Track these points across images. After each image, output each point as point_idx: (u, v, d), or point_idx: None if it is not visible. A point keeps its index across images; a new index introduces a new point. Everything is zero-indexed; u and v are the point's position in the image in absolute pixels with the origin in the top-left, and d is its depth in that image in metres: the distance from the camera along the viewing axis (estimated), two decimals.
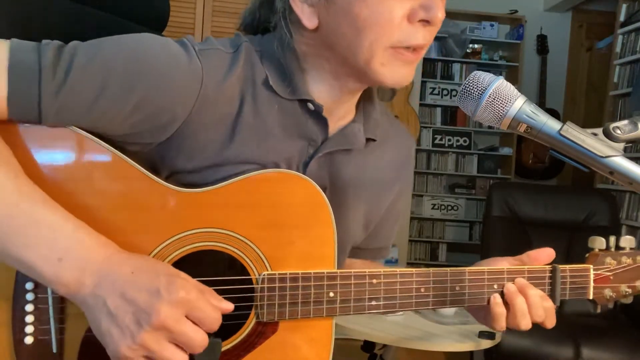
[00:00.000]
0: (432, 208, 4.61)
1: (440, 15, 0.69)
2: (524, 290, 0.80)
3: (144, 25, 0.93)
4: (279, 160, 0.76)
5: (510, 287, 0.80)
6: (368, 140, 0.84)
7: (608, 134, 0.60)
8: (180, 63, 0.69)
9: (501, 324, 0.80)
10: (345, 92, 0.78)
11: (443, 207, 4.62)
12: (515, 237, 3.18)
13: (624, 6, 3.62)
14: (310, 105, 0.76)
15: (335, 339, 0.77)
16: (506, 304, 0.80)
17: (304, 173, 0.78)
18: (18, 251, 0.60)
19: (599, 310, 0.89)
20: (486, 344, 2.16)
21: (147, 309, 0.59)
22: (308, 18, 0.72)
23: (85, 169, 0.67)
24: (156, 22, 0.69)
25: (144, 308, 0.60)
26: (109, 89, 0.65)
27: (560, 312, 0.86)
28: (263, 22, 0.80)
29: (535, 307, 0.79)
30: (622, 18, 3.61)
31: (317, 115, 0.77)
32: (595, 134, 0.60)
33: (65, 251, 0.61)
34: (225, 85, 0.72)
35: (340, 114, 0.81)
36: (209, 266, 0.71)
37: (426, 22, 0.69)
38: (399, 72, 0.72)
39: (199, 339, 0.62)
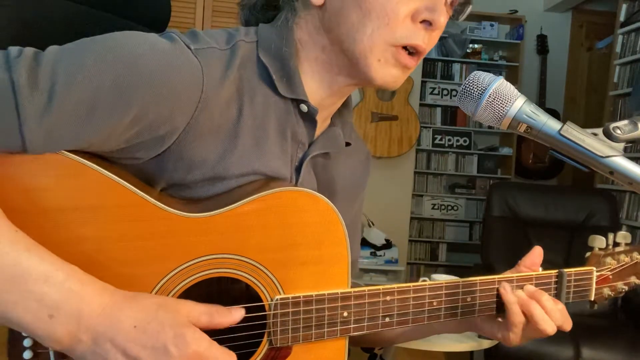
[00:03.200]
0: (432, 208, 4.61)
1: (442, 20, 0.69)
2: (536, 296, 0.79)
3: (144, 26, 0.93)
4: (277, 166, 0.73)
5: (522, 295, 0.79)
6: (346, 144, 0.84)
7: (608, 134, 0.60)
8: (177, 66, 0.62)
9: (519, 333, 0.78)
10: (335, 90, 0.76)
11: (443, 207, 4.62)
12: (515, 237, 3.18)
13: (624, 6, 3.62)
14: (304, 107, 0.73)
15: None
16: (523, 314, 0.78)
17: (297, 179, 0.77)
18: (4, 308, 0.54)
19: (595, 308, 0.90)
20: (486, 344, 2.16)
21: None
22: None
23: (79, 198, 0.61)
24: (157, 23, 0.67)
25: None
26: (101, 107, 0.58)
27: None
28: (262, 13, 0.78)
29: (553, 312, 0.78)
30: (622, 18, 3.62)
31: (309, 118, 0.75)
32: (595, 134, 0.60)
33: (55, 306, 0.55)
34: (223, 87, 0.67)
35: (324, 116, 0.79)
36: (219, 294, 0.68)
37: (428, 23, 0.69)
38: (391, 73, 0.71)
39: None
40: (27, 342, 0.61)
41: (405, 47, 0.70)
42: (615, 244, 0.90)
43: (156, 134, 0.63)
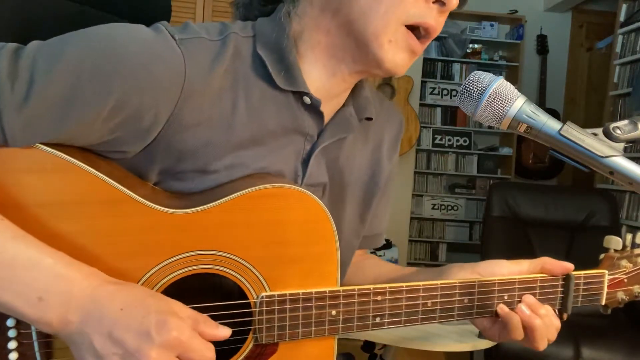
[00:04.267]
0: (432, 208, 4.61)
1: (455, 0, 0.69)
2: (537, 310, 0.77)
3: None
4: (277, 161, 0.72)
5: (525, 310, 0.77)
6: (363, 120, 0.82)
7: (608, 134, 0.60)
8: (158, 55, 0.62)
9: (520, 332, 0.77)
10: (339, 78, 0.74)
11: (443, 207, 4.62)
12: (515, 237, 3.18)
13: (624, 6, 3.62)
14: (307, 99, 0.72)
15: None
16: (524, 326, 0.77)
17: (304, 172, 0.75)
18: None
19: (609, 312, 0.85)
20: (486, 344, 2.16)
21: (136, 352, 0.55)
22: None
23: (63, 193, 0.61)
24: (157, 22, 0.68)
25: (132, 351, 0.55)
26: (80, 95, 0.58)
27: None
28: (259, 8, 0.78)
29: (550, 328, 0.77)
30: (622, 18, 3.61)
31: (314, 109, 0.73)
32: (595, 134, 0.60)
33: (44, 289, 0.56)
34: (212, 77, 0.66)
35: (332, 105, 0.78)
36: (204, 290, 0.68)
37: (442, 3, 0.69)
38: (400, 56, 0.70)
39: None
40: (10, 322, 0.61)
41: (417, 29, 0.70)
42: (635, 245, 0.86)
43: (139, 125, 0.63)
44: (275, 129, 0.72)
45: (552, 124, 0.61)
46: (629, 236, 0.86)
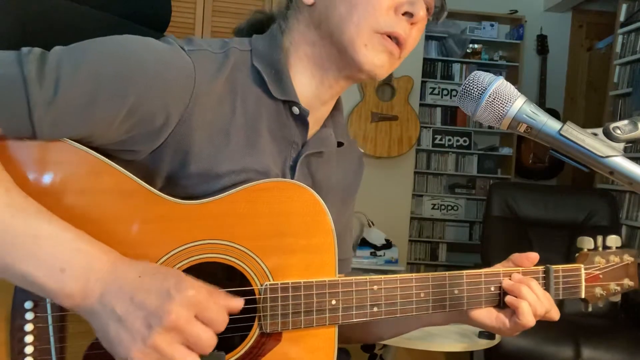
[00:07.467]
0: (432, 208, 4.61)
1: (422, 13, 0.76)
2: (525, 281, 0.82)
3: (145, 26, 0.94)
4: (269, 164, 0.77)
5: (509, 281, 0.83)
6: (338, 144, 0.89)
7: (608, 134, 0.60)
8: (170, 61, 0.69)
9: (530, 317, 0.80)
10: (326, 85, 0.82)
11: (443, 207, 4.62)
12: (515, 237, 3.18)
13: (624, 6, 3.62)
14: (296, 109, 0.79)
15: None
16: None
17: (292, 177, 0.80)
18: (18, 265, 0.58)
19: (590, 309, 0.91)
20: (486, 343, 2.16)
21: (158, 311, 0.59)
22: None
23: (82, 182, 0.66)
24: (158, 23, 0.69)
25: (154, 311, 0.59)
26: (102, 96, 0.64)
27: (560, 312, 0.86)
28: (255, 25, 0.86)
29: (540, 297, 0.82)
30: (622, 18, 3.62)
31: (301, 119, 0.80)
32: (595, 134, 0.60)
33: (66, 261, 0.59)
34: (215, 85, 0.73)
35: (317, 116, 0.84)
36: (211, 278, 0.69)
37: (410, 15, 0.76)
38: (378, 57, 0.77)
39: (209, 339, 0.61)
40: (28, 305, 0.63)
41: (389, 37, 0.77)
42: (606, 247, 0.92)
43: (152, 126, 0.69)
44: (267, 134, 0.78)
45: (552, 124, 0.61)
46: (599, 238, 0.92)
